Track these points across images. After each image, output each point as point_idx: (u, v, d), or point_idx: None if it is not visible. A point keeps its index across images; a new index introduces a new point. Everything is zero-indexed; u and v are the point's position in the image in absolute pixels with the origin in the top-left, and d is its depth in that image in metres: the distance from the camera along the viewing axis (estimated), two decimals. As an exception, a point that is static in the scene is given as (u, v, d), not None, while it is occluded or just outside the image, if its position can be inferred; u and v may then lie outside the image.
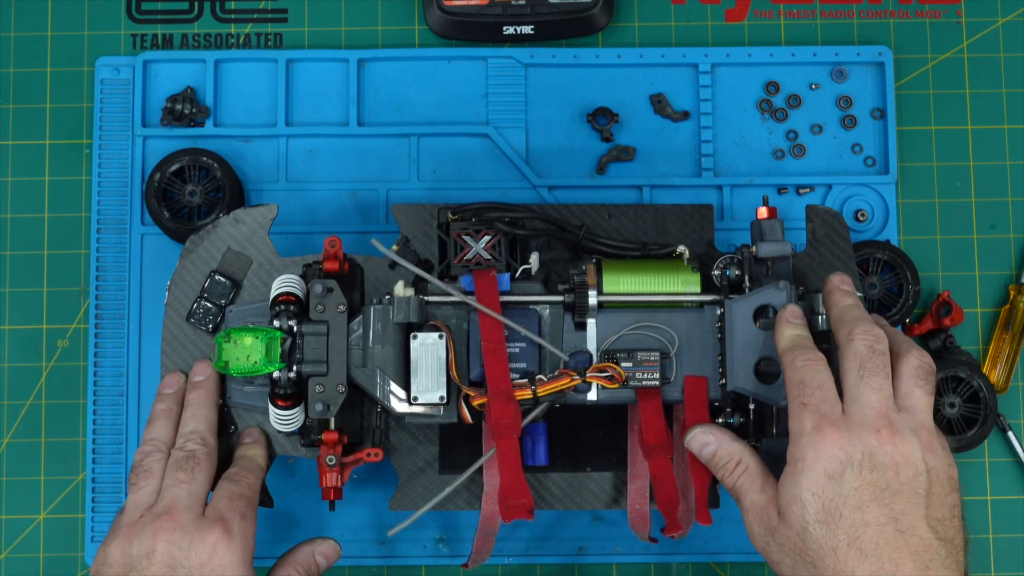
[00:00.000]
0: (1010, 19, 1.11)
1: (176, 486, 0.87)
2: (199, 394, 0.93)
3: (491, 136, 1.08)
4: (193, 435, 0.90)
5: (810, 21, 1.11)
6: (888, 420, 0.78)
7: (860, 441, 0.77)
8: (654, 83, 1.10)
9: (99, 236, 1.06)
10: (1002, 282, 1.08)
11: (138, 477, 0.89)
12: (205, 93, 1.08)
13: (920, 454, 0.78)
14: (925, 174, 1.09)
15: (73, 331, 1.07)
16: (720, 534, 1.04)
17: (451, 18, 1.07)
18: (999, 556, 1.05)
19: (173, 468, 0.88)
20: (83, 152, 1.08)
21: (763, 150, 1.09)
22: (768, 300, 0.87)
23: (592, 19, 1.08)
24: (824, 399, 0.79)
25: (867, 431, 0.78)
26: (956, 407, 1.03)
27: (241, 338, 0.88)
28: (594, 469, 0.96)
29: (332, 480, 0.89)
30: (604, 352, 0.89)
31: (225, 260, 0.96)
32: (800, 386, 0.80)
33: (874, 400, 0.79)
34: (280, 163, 1.08)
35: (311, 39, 1.10)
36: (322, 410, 0.88)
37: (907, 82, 1.10)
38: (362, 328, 0.89)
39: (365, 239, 1.03)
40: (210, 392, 0.93)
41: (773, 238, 0.90)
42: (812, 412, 0.79)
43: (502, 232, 0.92)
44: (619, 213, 0.97)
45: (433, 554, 1.04)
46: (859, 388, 0.79)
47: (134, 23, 1.10)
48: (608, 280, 0.90)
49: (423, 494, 0.95)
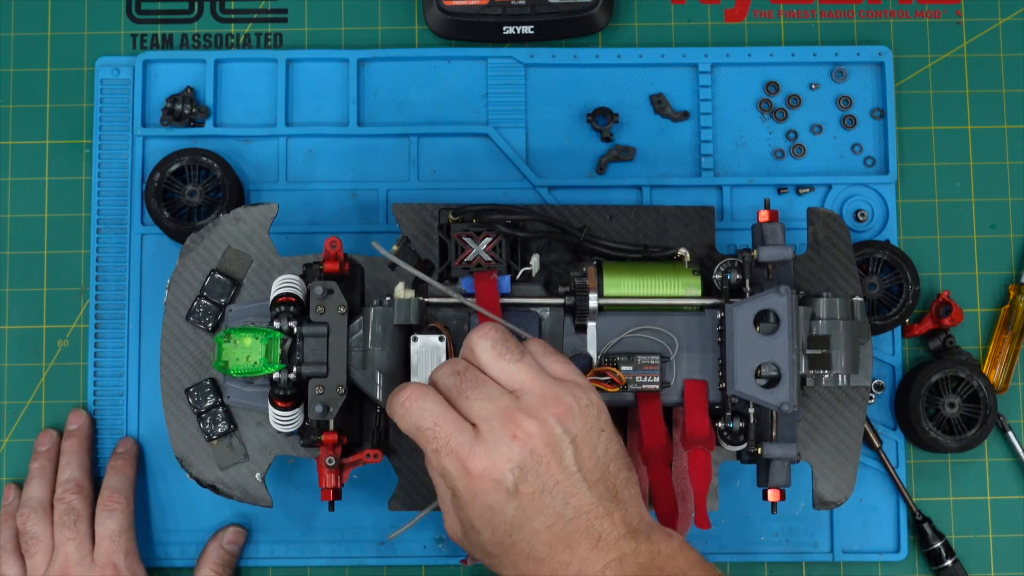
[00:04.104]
0: (1010, 19, 1.11)
1: (65, 544, 0.98)
2: (73, 442, 1.03)
3: (491, 136, 1.08)
4: (69, 483, 1.01)
5: (810, 21, 1.11)
6: (514, 418, 0.77)
7: (504, 460, 0.76)
8: (654, 83, 1.10)
9: (99, 236, 1.06)
10: (1002, 282, 1.08)
11: (28, 544, 0.99)
12: (205, 93, 1.08)
13: (559, 428, 0.77)
14: (925, 174, 1.09)
15: (73, 331, 1.07)
16: (720, 534, 1.04)
17: (451, 18, 1.07)
18: (999, 556, 1.06)
19: (59, 527, 0.99)
20: (83, 152, 1.08)
21: (763, 150, 1.09)
22: (769, 304, 0.87)
23: (592, 19, 1.08)
24: (449, 433, 0.77)
25: (506, 444, 0.76)
26: (956, 407, 1.03)
27: (241, 338, 0.88)
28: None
29: (331, 481, 0.89)
30: (604, 355, 0.89)
31: (225, 259, 0.96)
32: (419, 433, 0.79)
33: (491, 408, 0.77)
34: (280, 163, 1.08)
35: (311, 39, 1.10)
36: (322, 411, 0.88)
37: (907, 82, 1.10)
38: (362, 329, 0.89)
39: (365, 239, 1.03)
40: (83, 439, 1.03)
41: (774, 242, 0.90)
42: (447, 455, 0.77)
43: (503, 234, 0.92)
44: (620, 215, 0.97)
45: (433, 554, 1.04)
46: (473, 409, 0.78)
47: (134, 23, 1.10)
48: (609, 283, 0.90)
49: (423, 495, 0.95)
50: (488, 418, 0.77)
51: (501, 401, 0.78)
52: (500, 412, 0.77)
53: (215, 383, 0.95)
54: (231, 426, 0.95)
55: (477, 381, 0.79)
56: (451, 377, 0.79)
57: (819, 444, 0.95)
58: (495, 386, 0.79)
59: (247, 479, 0.95)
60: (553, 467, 0.77)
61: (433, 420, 0.78)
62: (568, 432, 0.77)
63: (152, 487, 1.05)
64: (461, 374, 0.79)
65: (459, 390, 0.79)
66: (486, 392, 0.78)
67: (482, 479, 0.76)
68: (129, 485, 1.02)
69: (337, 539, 1.04)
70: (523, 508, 0.76)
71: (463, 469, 0.77)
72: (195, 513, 1.04)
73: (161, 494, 1.05)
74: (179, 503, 1.05)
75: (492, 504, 0.77)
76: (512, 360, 0.79)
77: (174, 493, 1.05)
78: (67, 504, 1.00)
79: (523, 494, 0.76)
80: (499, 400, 0.78)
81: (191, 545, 1.04)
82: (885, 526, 1.05)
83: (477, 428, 0.77)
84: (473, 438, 0.77)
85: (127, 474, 1.02)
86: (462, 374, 0.79)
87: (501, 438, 0.76)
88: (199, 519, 1.04)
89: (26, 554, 1.00)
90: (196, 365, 0.95)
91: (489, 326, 0.81)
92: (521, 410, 0.77)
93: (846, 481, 0.95)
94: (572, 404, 0.78)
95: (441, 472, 0.78)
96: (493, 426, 0.77)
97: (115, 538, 0.99)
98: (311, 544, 1.04)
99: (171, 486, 1.05)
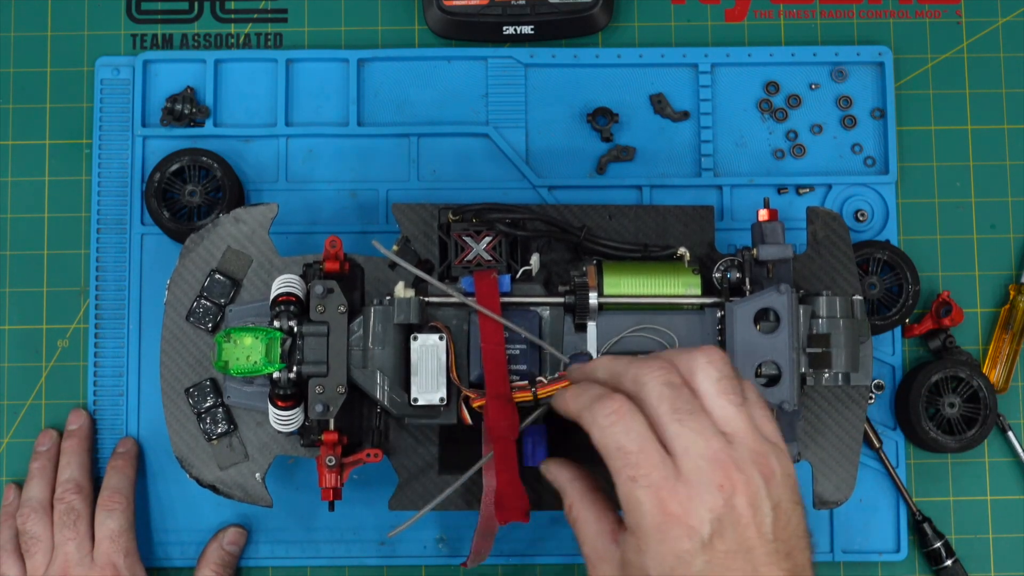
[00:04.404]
0: (1010, 19, 1.11)
1: (65, 544, 0.99)
2: (73, 442, 1.03)
3: (491, 136, 1.08)
4: (69, 483, 1.01)
5: (810, 21, 1.11)
6: (725, 467, 0.70)
7: (706, 508, 0.69)
8: (654, 83, 1.10)
9: (99, 236, 1.06)
10: (1002, 282, 1.08)
11: (28, 545, 1.00)
12: (205, 93, 1.08)
13: (764, 491, 0.71)
14: (925, 174, 1.09)
15: (73, 331, 1.07)
16: (720, 534, 1.04)
17: (451, 18, 1.07)
18: (999, 556, 1.06)
19: (59, 527, 0.99)
20: (83, 152, 1.08)
21: (763, 150, 1.09)
22: (769, 303, 0.87)
23: (592, 19, 1.08)
24: (653, 466, 0.70)
25: (709, 492, 0.69)
26: (956, 407, 1.03)
27: (241, 338, 0.88)
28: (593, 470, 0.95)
29: (332, 480, 0.89)
30: (604, 354, 0.89)
31: (225, 259, 0.96)
32: (619, 454, 0.71)
33: (702, 446, 0.70)
34: (280, 163, 1.08)
35: (311, 39, 1.10)
36: (322, 411, 0.87)
37: (907, 82, 1.10)
38: (362, 329, 0.89)
39: (365, 239, 1.03)
40: (83, 439, 1.03)
41: (774, 241, 0.90)
42: (645, 488, 0.70)
43: (503, 233, 0.92)
44: (620, 214, 0.97)
45: (433, 554, 1.04)
46: (681, 438, 0.70)
47: (134, 23, 1.10)
48: (609, 282, 0.90)
49: (423, 495, 0.95)
50: (696, 456, 0.70)
51: (714, 442, 0.70)
52: (711, 454, 0.70)
53: (215, 383, 0.95)
54: (231, 426, 0.95)
55: (693, 408, 0.71)
56: (666, 388, 0.72)
57: (819, 444, 0.95)
58: (711, 423, 0.71)
59: (247, 479, 0.95)
60: (751, 530, 0.70)
61: (639, 445, 0.71)
62: (771, 497, 0.71)
63: (152, 487, 1.05)
64: (677, 390, 0.72)
65: (673, 408, 0.71)
66: (701, 425, 0.71)
67: (677, 523, 0.69)
68: (129, 485, 1.02)
69: (337, 539, 1.04)
70: (713, 565, 0.69)
71: (659, 506, 0.69)
72: (195, 513, 1.04)
73: (161, 494, 1.05)
74: (179, 503, 1.05)
75: (680, 552, 0.69)
76: (734, 402, 0.72)
77: (174, 493, 1.05)
78: (67, 504, 1.00)
79: (716, 550, 0.69)
80: (712, 440, 0.70)
81: (191, 545, 1.04)
82: (885, 526, 1.05)
83: (677, 461, 0.70)
84: (676, 475, 0.70)
85: (127, 474, 1.02)
86: (678, 391, 0.72)
87: (707, 483, 0.69)
88: (199, 519, 1.04)
89: (26, 554, 1.00)
90: (196, 365, 0.95)
91: (720, 354, 0.73)
92: (733, 460, 0.70)
93: (846, 481, 0.95)
94: (776, 469, 0.72)
95: (632, 503, 0.70)
96: (700, 467, 0.69)
97: (115, 538, 0.99)
98: (311, 544, 1.04)
99: (171, 486, 1.05)
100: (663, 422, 0.71)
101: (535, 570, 1.05)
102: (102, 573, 0.98)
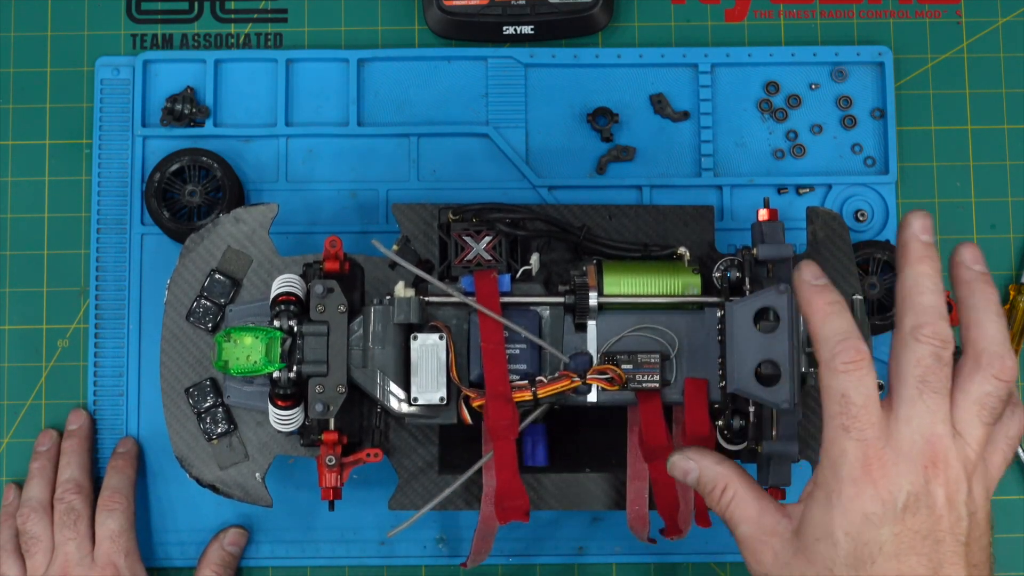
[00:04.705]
0: (1010, 19, 1.11)
1: (65, 544, 0.99)
2: (73, 442, 1.03)
3: (491, 136, 1.08)
4: (69, 483, 1.01)
5: (810, 21, 1.11)
6: (939, 454, 0.69)
7: (907, 480, 0.69)
8: (654, 83, 1.10)
9: (99, 236, 1.06)
10: (1002, 282, 1.08)
11: (28, 545, 1.00)
12: (205, 93, 1.08)
13: (964, 494, 0.70)
14: (925, 174, 1.09)
15: (73, 331, 1.07)
16: (720, 534, 1.03)
17: (451, 18, 1.07)
18: (999, 556, 1.05)
19: (59, 527, 0.99)
20: (83, 152, 1.08)
21: (763, 150, 1.09)
22: (768, 303, 0.86)
23: (592, 19, 1.08)
24: (870, 423, 0.70)
25: (915, 467, 0.69)
26: (956, 407, 1.03)
27: (241, 338, 0.88)
28: (593, 470, 0.95)
29: (332, 480, 0.89)
30: (604, 354, 0.89)
31: (225, 259, 0.96)
32: (842, 402, 0.70)
33: (927, 425, 0.69)
34: (280, 163, 1.08)
35: (311, 39, 1.10)
36: (322, 410, 0.87)
37: (907, 82, 1.10)
38: (362, 328, 0.89)
39: (365, 239, 1.03)
40: (83, 439, 1.04)
41: (774, 240, 0.90)
42: (855, 440, 0.70)
43: (503, 233, 0.92)
44: (620, 214, 0.97)
45: (433, 554, 1.04)
46: (914, 406, 0.70)
47: (134, 23, 1.10)
48: (609, 281, 0.90)
49: (423, 494, 0.95)
50: (916, 430, 0.69)
51: (940, 428, 0.69)
52: (931, 436, 0.69)
53: (215, 383, 0.95)
54: (231, 426, 0.95)
55: (941, 389, 0.70)
56: (931, 357, 0.70)
57: (819, 443, 0.94)
58: (949, 412, 0.70)
59: (247, 479, 0.95)
60: (944, 522, 0.69)
61: (864, 400, 0.70)
62: (968, 505, 0.70)
63: (152, 487, 1.05)
64: (939, 366, 0.70)
65: (923, 379, 0.70)
66: (938, 406, 0.70)
67: (873, 484, 0.69)
68: (129, 485, 1.02)
69: (337, 539, 1.04)
70: (900, 539, 0.68)
71: (862, 462, 0.69)
72: (195, 513, 1.04)
73: (161, 494, 1.05)
74: (179, 503, 1.05)
75: (869, 514, 0.69)
76: (984, 418, 0.71)
77: (174, 493, 1.05)
78: (67, 504, 1.00)
79: (906, 525, 0.69)
80: (939, 426, 0.69)
81: (191, 545, 1.04)
82: (885, 526, 1.05)
83: (895, 426, 0.70)
84: (887, 439, 0.69)
85: (127, 474, 1.02)
86: (939, 368, 0.70)
87: (915, 458, 0.69)
88: (199, 519, 1.04)
89: (26, 554, 1.00)
90: (196, 365, 0.95)
91: (1012, 375, 0.71)
92: (949, 452, 0.69)
93: (846, 480, 0.95)
94: (982, 492, 0.71)
95: (836, 451, 0.70)
96: (915, 441, 0.69)
97: (115, 538, 0.99)
98: (311, 544, 1.04)
99: (171, 486, 1.05)
100: (905, 383, 0.70)
101: (535, 570, 1.05)
102: (102, 573, 0.98)
